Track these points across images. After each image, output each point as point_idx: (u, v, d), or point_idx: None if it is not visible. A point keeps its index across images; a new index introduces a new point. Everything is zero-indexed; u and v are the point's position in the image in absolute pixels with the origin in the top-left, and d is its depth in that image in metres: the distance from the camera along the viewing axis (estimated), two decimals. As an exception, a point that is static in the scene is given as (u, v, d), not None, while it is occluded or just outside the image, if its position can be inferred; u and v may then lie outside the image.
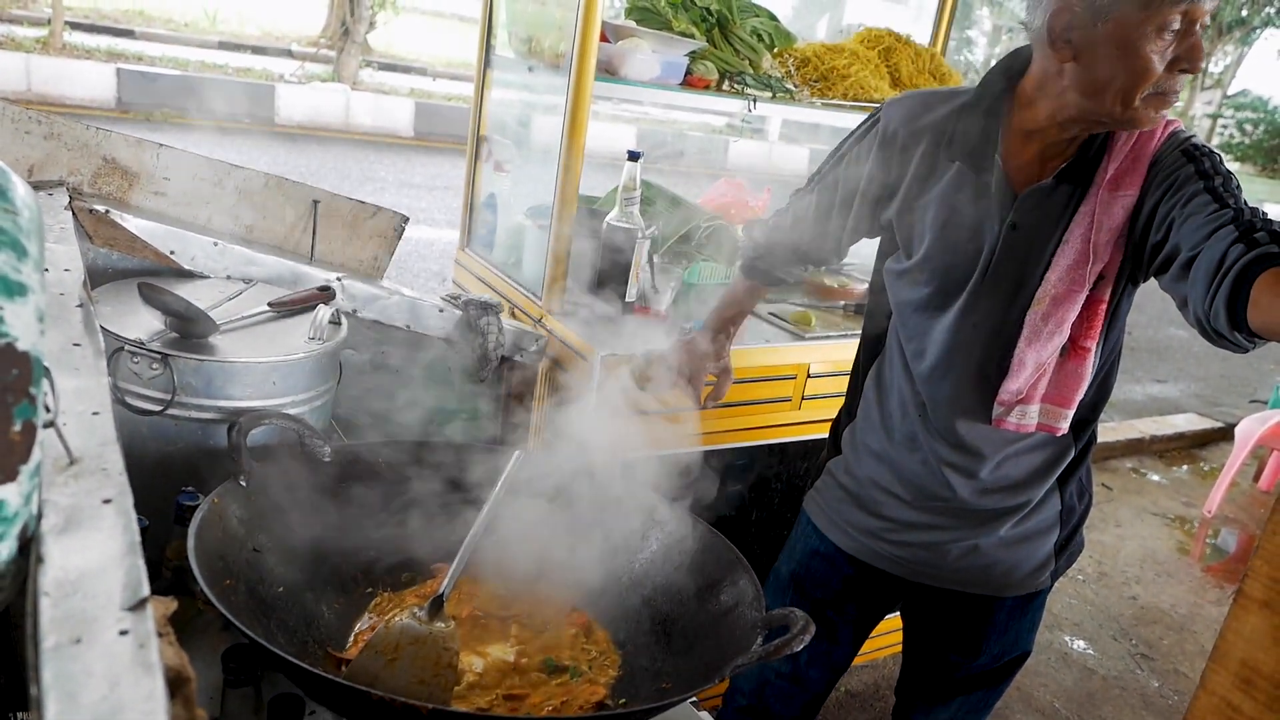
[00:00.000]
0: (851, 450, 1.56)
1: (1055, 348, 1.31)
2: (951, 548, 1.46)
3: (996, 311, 1.34)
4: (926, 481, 1.45)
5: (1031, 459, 1.42)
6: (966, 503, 1.43)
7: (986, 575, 1.48)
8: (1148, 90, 1.18)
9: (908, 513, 1.48)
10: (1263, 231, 1.07)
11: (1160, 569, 3.92)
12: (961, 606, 1.53)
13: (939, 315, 1.39)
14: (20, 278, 0.61)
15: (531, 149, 2.37)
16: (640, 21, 2.21)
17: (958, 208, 1.35)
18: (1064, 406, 1.36)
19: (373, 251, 1.75)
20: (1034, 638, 1.59)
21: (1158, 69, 1.16)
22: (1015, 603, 1.51)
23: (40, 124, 1.48)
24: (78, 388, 0.85)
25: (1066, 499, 1.46)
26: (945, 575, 1.49)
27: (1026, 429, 1.36)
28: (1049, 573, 1.49)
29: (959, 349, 1.37)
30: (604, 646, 1.30)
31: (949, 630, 1.57)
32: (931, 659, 1.62)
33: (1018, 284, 1.32)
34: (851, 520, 1.54)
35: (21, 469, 0.62)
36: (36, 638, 0.56)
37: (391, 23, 12.43)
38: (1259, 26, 20.38)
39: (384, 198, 7.12)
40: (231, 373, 1.34)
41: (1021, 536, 1.46)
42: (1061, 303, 1.28)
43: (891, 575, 1.53)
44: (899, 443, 1.47)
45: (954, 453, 1.42)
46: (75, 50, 9.76)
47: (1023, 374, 1.32)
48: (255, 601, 1.10)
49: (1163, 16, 1.13)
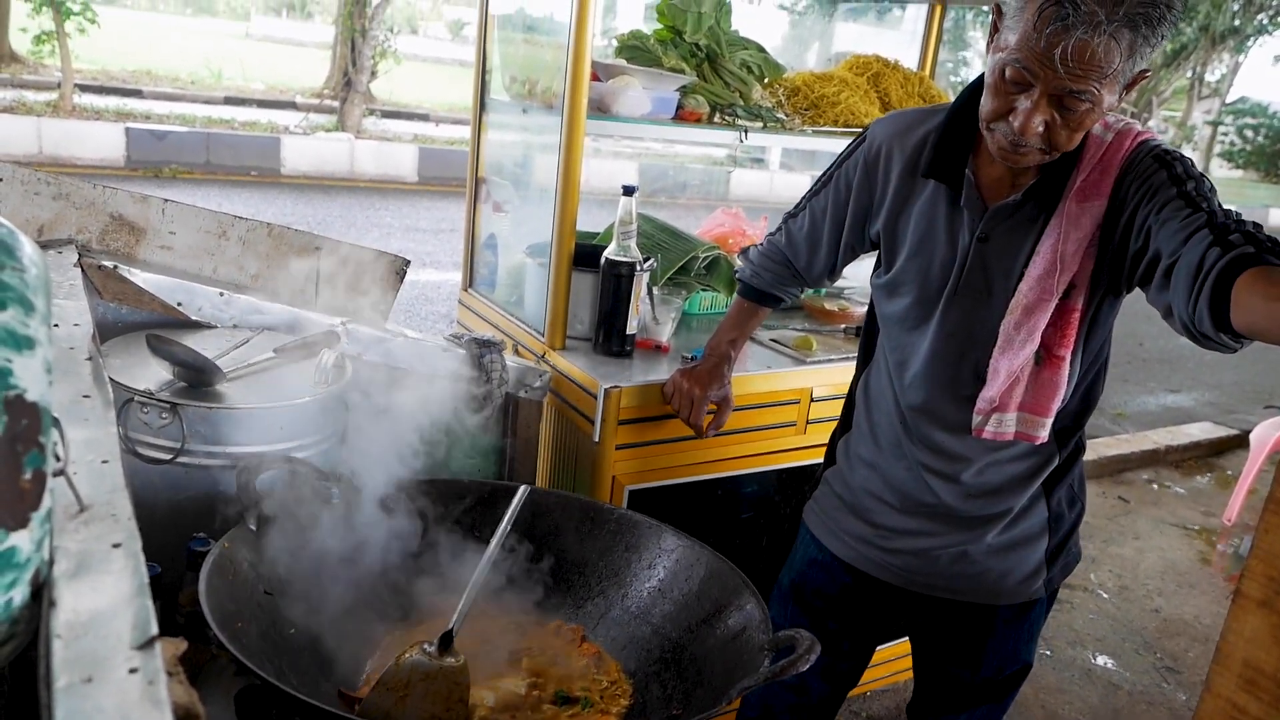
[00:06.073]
0: (845, 460, 1.58)
1: (1028, 356, 1.33)
2: (941, 554, 1.48)
3: (970, 322, 1.37)
4: (912, 488, 1.47)
5: (1013, 467, 1.43)
6: (952, 508, 1.45)
7: (979, 583, 1.49)
8: (993, 125, 1.23)
9: (898, 519, 1.50)
10: (1237, 233, 1.09)
11: (1182, 580, 3.87)
12: (957, 616, 1.54)
13: (918, 326, 1.42)
14: (28, 331, 0.64)
15: (529, 189, 2.41)
16: (630, 60, 2.25)
17: (933, 222, 1.38)
18: (1041, 415, 1.37)
19: (376, 295, 1.78)
20: (1034, 650, 1.59)
21: (995, 107, 1.21)
22: (1010, 612, 1.52)
23: (49, 185, 1.53)
24: (87, 438, 0.87)
25: (1054, 506, 1.47)
26: (938, 583, 1.50)
27: (1004, 437, 1.38)
28: (1042, 581, 1.50)
29: (937, 359, 1.40)
30: (615, 676, 1.30)
31: (947, 642, 1.58)
32: (935, 674, 1.63)
33: (989, 295, 1.35)
34: (847, 528, 1.56)
35: (33, 516, 0.64)
36: (49, 679, 0.58)
37: (393, 71, 12.63)
38: (1253, 34, 20.47)
39: (390, 243, 7.20)
40: (239, 419, 1.37)
41: (1010, 543, 1.47)
42: (1032, 311, 1.30)
43: (887, 584, 1.54)
44: (886, 450, 1.49)
45: (936, 459, 1.44)
46: (85, 111, 9.95)
47: (997, 381, 1.34)
48: (267, 643, 1.11)
49: (1002, 63, 1.18)
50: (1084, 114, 1.16)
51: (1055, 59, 1.10)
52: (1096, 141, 1.28)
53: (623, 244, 1.97)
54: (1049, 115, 1.17)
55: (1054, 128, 1.18)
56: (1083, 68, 1.10)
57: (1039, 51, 1.11)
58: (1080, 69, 1.10)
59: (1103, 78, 1.11)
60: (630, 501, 1.92)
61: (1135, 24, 1.08)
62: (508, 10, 2.36)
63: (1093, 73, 1.11)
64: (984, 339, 1.35)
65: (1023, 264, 1.32)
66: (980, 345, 1.36)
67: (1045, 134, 1.18)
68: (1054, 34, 1.09)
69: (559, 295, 2.03)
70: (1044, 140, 1.19)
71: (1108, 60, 1.10)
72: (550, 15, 2.20)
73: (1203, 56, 20.44)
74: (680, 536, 1.40)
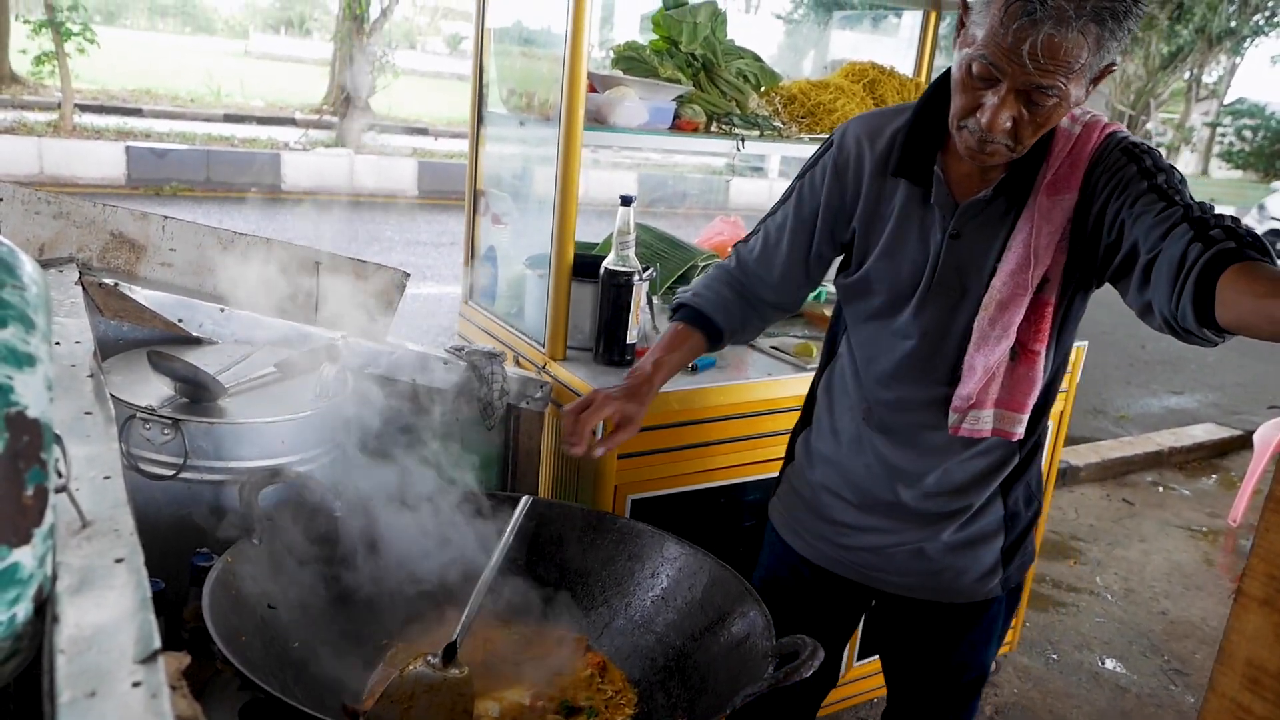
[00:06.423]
0: (805, 456, 1.58)
1: (1003, 352, 1.33)
2: (897, 551, 1.47)
3: (944, 319, 1.36)
4: (871, 485, 1.46)
5: (976, 464, 1.43)
6: (909, 506, 1.45)
7: (936, 581, 1.48)
8: (962, 122, 1.22)
9: (854, 515, 1.49)
10: (1217, 228, 1.09)
11: (1188, 582, 3.86)
12: (916, 615, 1.54)
13: (889, 323, 1.41)
14: (29, 349, 0.64)
15: (528, 200, 2.42)
16: (627, 70, 2.27)
17: (904, 221, 1.38)
18: (1018, 411, 1.38)
19: (376, 309, 1.79)
20: (993, 654, 1.59)
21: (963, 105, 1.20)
22: (968, 610, 1.52)
23: (49, 204, 1.53)
24: (89, 454, 0.88)
25: (1010, 504, 1.47)
26: (895, 580, 1.50)
27: (981, 434, 1.38)
28: (999, 580, 1.50)
29: (910, 356, 1.39)
30: (620, 685, 1.30)
31: (906, 641, 1.59)
32: (897, 676, 1.64)
33: (962, 292, 1.34)
34: (806, 525, 1.56)
35: (35, 532, 0.64)
36: (53, 694, 0.58)
37: (392, 86, 12.68)
38: (1249, 36, 20.52)
39: (391, 257, 7.21)
40: (241, 434, 1.37)
41: (966, 541, 1.46)
42: (1007, 307, 1.30)
43: (847, 580, 1.53)
44: (846, 447, 1.49)
45: (901, 457, 1.43)
46: (85, 131, 9.99)
47: (973, 379, 1.34)
48: (271, 657, 1.12)
49: (969, 59, 1.17)
50: (1051, 109, 1.16)
51: (1023, 54, 1.10)
52: (1064, 135, 1.28)
53: (621, 254, 1.97)
54: (1016, 111, 1.16)
55: (1021, 123, 1.17)
56: (1051, 63, 1.10)
57: (1006, 47, 1.11)
58: (1048, 64, 1.10)
59: (1070, 72, 1.11)
60: (633, 510, 1.93)
61: (1102, 18, 1.08)
62: (504, 24, 2.38)
63: (1060, 68, 1.10)
64: (958, 336, 1.35)
65: (995, 259, 1.31)
66: (954, 343, 1.36)
67: (1012, 129, 1.18)
68: (1021, 29, 1.09)
69: (559, 306, 2.03)
70: (1010, 136, 1.19)
71: (1075, 55, 1.10)
72: (547, 28, 2.22)
73: (1199, 58, 20.49)
74: (683, 545, 1.41)
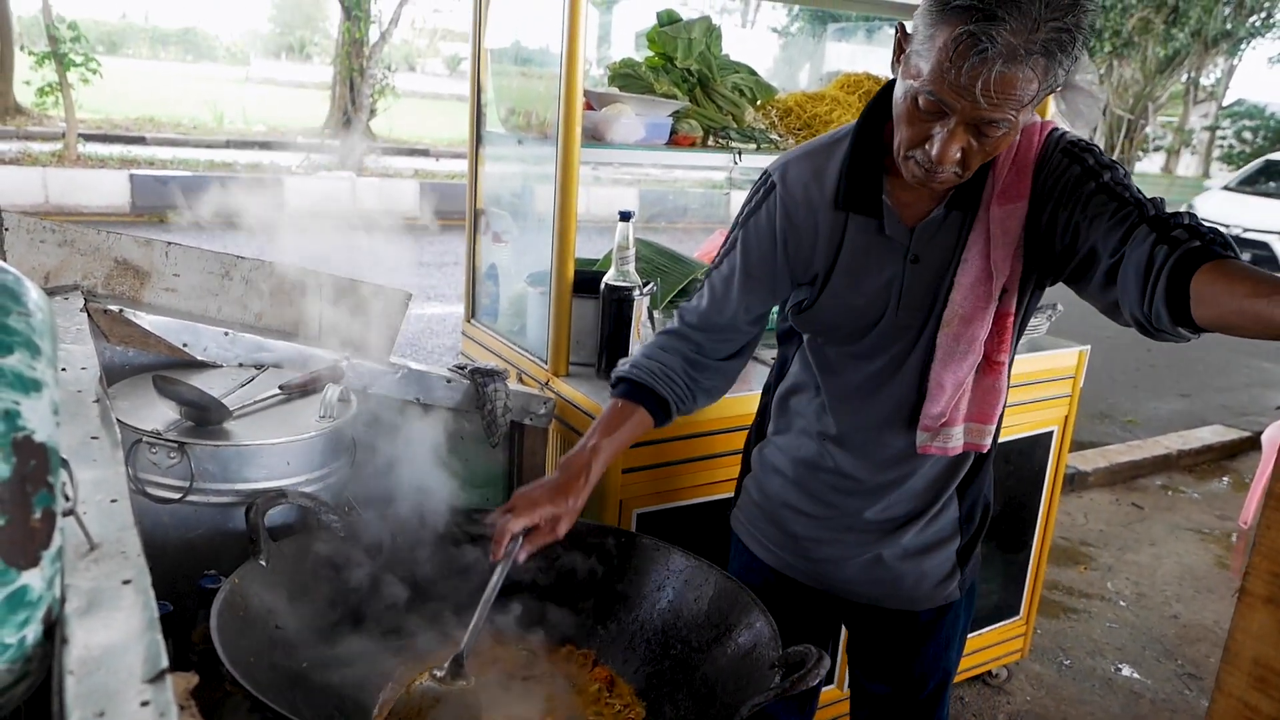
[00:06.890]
0: (761, 468, 1.58)
1: (971, 366, 1.33)
2: (853, 561, 1.48)
3: (910, 341, 1.36)
4: (831, 498, 1.47)
5: (934, 471, 1.44)
6: (869, 519, 1.46)
7: (896, 589, 1.49)
8: (909, 153, 1.20)
9: (812, 528, 1.50)
10: (1178, 228, 1.10)
11: (1200, 585, 3.84)
12: (878, 623, 1.54)
13: (850, 347, 1.40)
14: (35, 374, 0.65)
15: (528, 218, 2.44)
16: (623, 87, 2.28)
17: (861, 253, 1.35)
18: (987, 423, 1.39)
19: (379, 329, 1.80)
20: (956, 659, 1.59)
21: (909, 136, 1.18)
22: (929, 616, 1.52)
23: (53, 232, 1.55)
24: (96, 478, 0.89)
25: (965, 508, 1.48)
26: (856, 589, 1.51)
27: (953, 452, 1.39)
28: (956, 583, 1.51)
29: (875, 378, 1.39)
30: (628, 699, 1.31)
31: (871, 651, 1.59)
32: (863, 689, 1.64)
33: (928, 312, 1.34)
34: (767, 534, 1.56)
35: (43, 555, 0.65)
36: (63, 715, 0.59)
37: (392, 108, 12.78)
38: (1245, 37, 20.56)
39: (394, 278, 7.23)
40: (247, 456, 1.38)
41: (923, 546, 1.47)
42: (970, 321, 1.31)
43: (809, 588, 1.54)
44: (804, 462, 1.49)
45: (862, 470, 1.43)
46: (89, 160, 10.08)
47: (943, 397, 1.34)
48: (279, 678, 1.12)
49: (915, 91, 1.15)
50: (1000, 138, 1.16)
51: (975, 92, 1.08)
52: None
53: (621, 269, 1.98)
54: (965, 142, 1.15)
55: (970, 152, 1.17)
56: (1002, 98, 1.09)
57: (958, 85, 1.09)
58: (1000, 99, 1.09)
59: (1020, 105, 1.11)
60: (638, 524, 1.93)
61: (1050, 51, 1.07)
62: (502, 44, 2.40)
63: (1011, 102, 1.10)
64: (921, 353, 1.35)
65: (951, 274, 1.31)
66: (918, 359, 1.36)
67: (961, 158, 1.17)
68: (973, 68, 1.07)
69: (561, 322, 2.04)
70: (959, 164, 1.18)
71: (1026, 89, 1.09)
72: (544, 48, 2.24)
73: (1196, 61, 20.55)
74: (688, 557, 1.41)
